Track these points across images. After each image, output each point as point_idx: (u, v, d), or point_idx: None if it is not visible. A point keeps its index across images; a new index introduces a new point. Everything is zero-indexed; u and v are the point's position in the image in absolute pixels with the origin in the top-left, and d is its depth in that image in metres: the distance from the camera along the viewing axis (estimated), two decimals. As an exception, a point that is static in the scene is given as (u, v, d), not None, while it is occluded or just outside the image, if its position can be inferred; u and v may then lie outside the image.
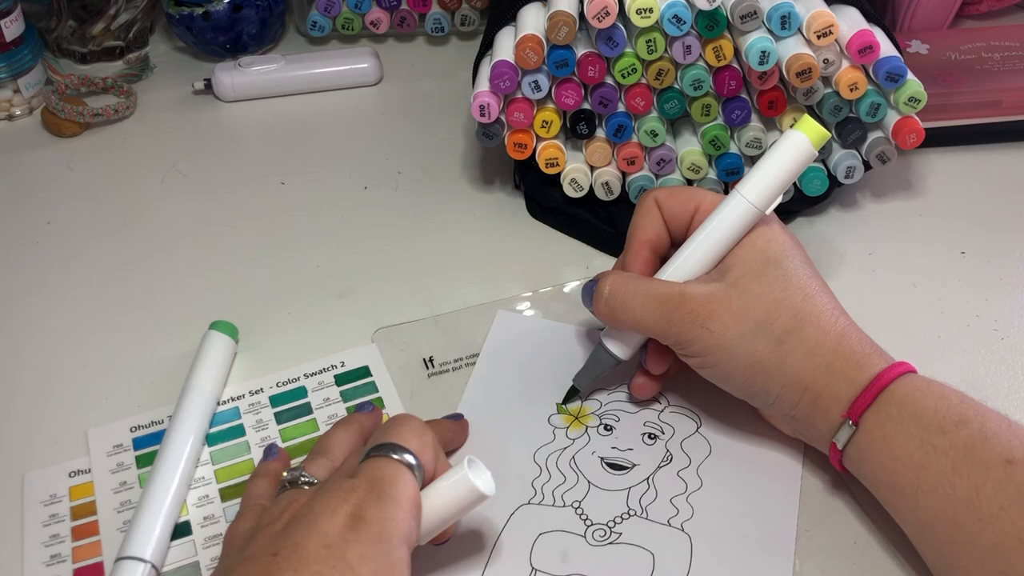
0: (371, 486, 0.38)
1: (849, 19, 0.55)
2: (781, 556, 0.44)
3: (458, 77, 0.76)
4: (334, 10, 0.79)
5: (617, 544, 0.45)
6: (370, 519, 0.37)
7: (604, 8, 0.52)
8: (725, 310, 0.44)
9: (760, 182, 0.45)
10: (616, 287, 0.46)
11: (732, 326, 0.43)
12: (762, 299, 0.44)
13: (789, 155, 0.45)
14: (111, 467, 0.49)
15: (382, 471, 0.39)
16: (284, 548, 0.36)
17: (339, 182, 0.68)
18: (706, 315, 0.44)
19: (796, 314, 0.43)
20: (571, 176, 0.59)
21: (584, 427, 0.50)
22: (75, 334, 0.57)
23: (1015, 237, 0.60)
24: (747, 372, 0.44)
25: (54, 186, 0.68)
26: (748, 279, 0.44)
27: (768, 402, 0.45)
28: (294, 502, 0.39)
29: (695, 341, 0.44)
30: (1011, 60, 0.71)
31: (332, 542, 0.36)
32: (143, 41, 0.82)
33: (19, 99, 0.75)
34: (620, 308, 0.46)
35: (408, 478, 0.39)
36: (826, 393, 0.43)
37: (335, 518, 0.37)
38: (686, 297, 0.44)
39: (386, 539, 0.37)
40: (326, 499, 0.38)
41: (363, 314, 0.57)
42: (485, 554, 0.44)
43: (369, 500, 0.38)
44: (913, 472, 0.40)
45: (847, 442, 0.43)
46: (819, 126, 0.45)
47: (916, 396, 0.42)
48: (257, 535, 0.38)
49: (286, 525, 0.38)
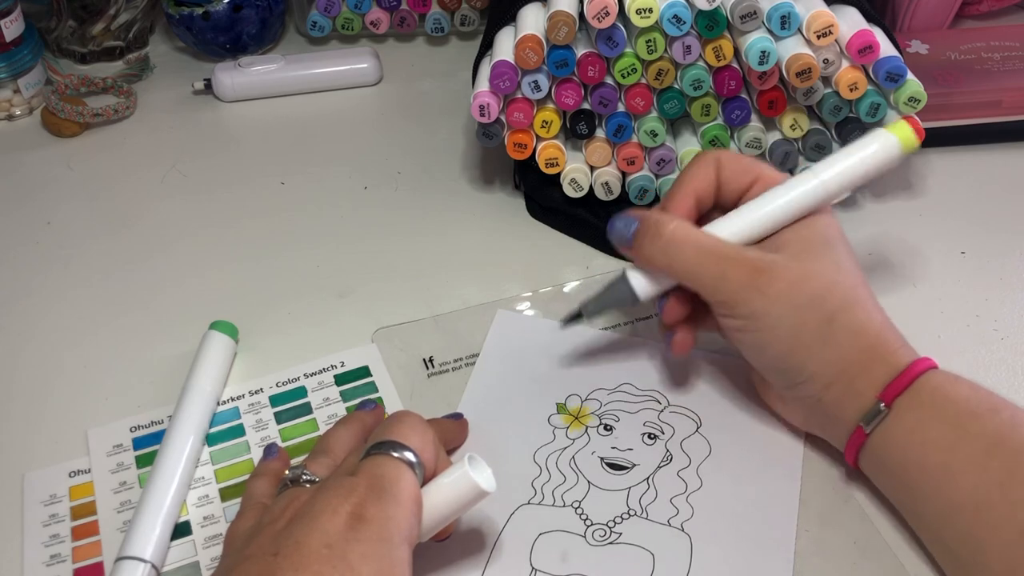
0: (372, 484, 0.38)
1: (849, 19, 0.55)
2: (781, 556, 0.44)
3: (458, 77, 0.76)
4: (334, 10, 0.79)
5: (617, 544, 0.45)
6: (371, 518, 0.37)
7: (604, 8, 0.52)
8: (782, 278, 0.43)
9: (843, 174, 0.45)
10: (678, 232, 0.45)
11: (786, 294, 0.43)
12: (819, 277, 0.44)
13: (878, 155, 0.45)
14: (111, 467, 0.49)
15: (383, 469, 0.39)
16: (285, 547, 0.36)
17: (339, 182, 0.68)
18: (765, 279, 0.43)
19: (847, 297, 0.44)
20: (571, 176, 0.59)
21: (584, 427, 0.50)
22: (75, 334, 0.57)
23: (1015, 237, 0.60)
24: (789, 344, 0.44)
25: (54, 186, 0.69)
26: (807, 256, 0.44)
27: (798, 380, 0.45)
28: (295, 500, 0.39)
29: (746, 303, 0.44)
30: (1011, 60, 0.71)
31: (333, 541, 0.36)
32: (143, 41, 0.82)
33: (19, 99, 0.75)
34: (677, 253, 0.45)
35: (408, 476, 0.39)
36: (863, 375, 0.43)
37: (336, 517, 0.37)
38: (747, 258, 0.44)
39: (387, 538, 0.37)
40: (327, 497, 0.38)
41: (363, 314, 0.57)
42: (485, 554, 0.44)
43: (370, 499, 0.38)
44: (946, 453, 0.41)
45: (875, 426, 0.43)
46: (912, 133, 0.45)
47: (948, 385, 0.42)
48: (258, 534, 0.38)
49: (287, 524, 0.38)
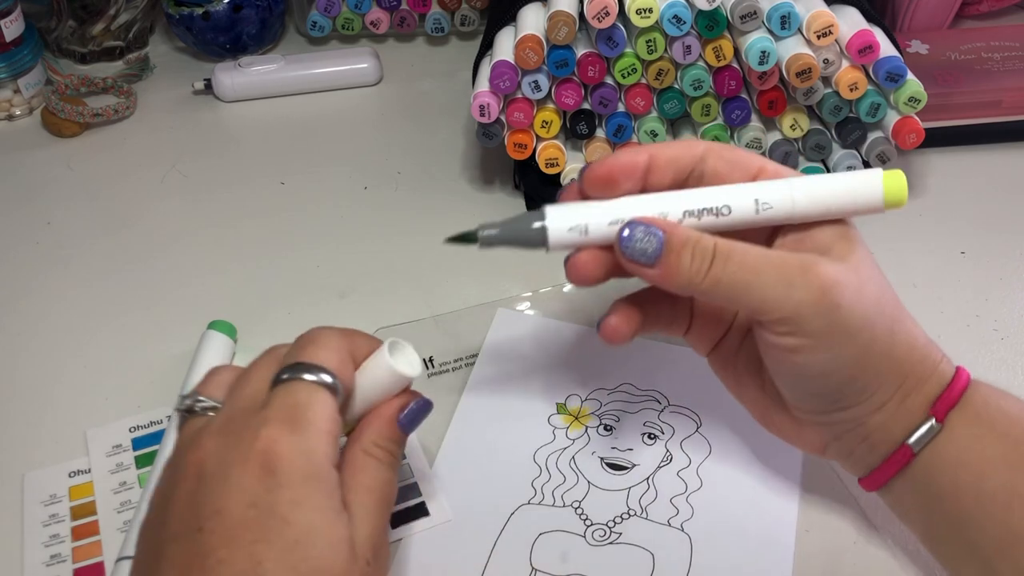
0: (283, 417, 0.34)
1: (849, 19, 0.55)
2: (781, 556, 0.44)
3: (458, 77, 0.76)
4: (334, 10, 0.79)
5: (617, 544, 0.45)
6: (287, 456, 0.33)
7: (604, 8, 0.52)
8: (849, 284, 0.36)
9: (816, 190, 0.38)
10: (727, 247, 0.36)
11: (858, 306, 0.36)
12: (872, 282, 0.37)
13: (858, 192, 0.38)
14: (111, 467, 0.49)
15: (295, 396, 0.35)
16: (207, 519, 0.33)
17: (339, 182, 0.68)
18: (835, 285, 0.36)
19: (897, 303, 0.39)
20: (571, 176, 0.59)
21: (584, 427, 0.50)
22: (75, 334, 0.57)
23: (1015, 237, 0.60)
24: (859, 364, 0.37)
25: (54, 186, 0.68)
26: (856, 259, 0.37)
27: (851, 404, 0.39)
28: (197, 448, 0.35)
29: (817, 317, 0.36)
30: (1011, 60, 0.71)
31: (255, 498, 0.33)
32: (143, 41, 0.82)
33: (19, 99, 0.75)
34: (726, 268, 0.36)
35: (323, 398, 0.35)
36: (918, 389, 0.38)
37: (248, 467, 0.33)
38: (812, 263, 0.36)
39: (312, 474, 0.34)
40: (233, 443, 0.34)
41: (363, 314, 0.57)
42: (485, 554, 0.44)
43: (282, 434, 0.34)
44: (1008, 474, 0.36)
45: (924, 444, 0.38)
46: (903, 186, 0.38)
47: (996, 395, 0.38)
48: (171, 498, 0.34)
49: (198, 482, 0.34)
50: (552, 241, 0.38)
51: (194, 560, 0.32)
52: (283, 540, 0.32)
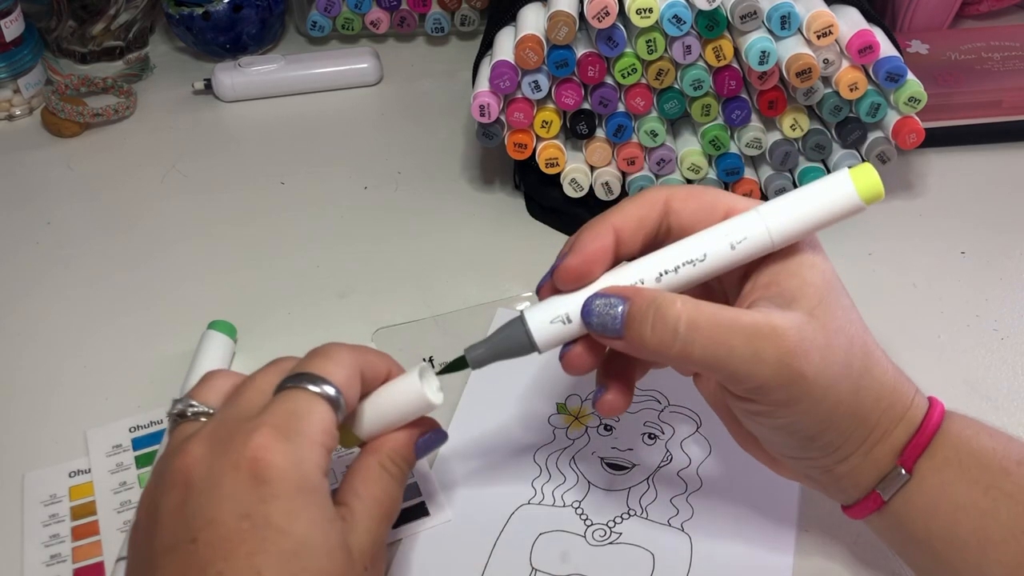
0: (278, 424, 0.34)
1: (849, 19, 0.55)
2: (781, 556, 0.44)
3: (458, 77, 0.76)
4: (334, 10, 0.79)
5: (617, 544, 0.45)
6: (278, 465, 0.33)
7: (604, 8, 0.52)
8: (814, 347, 0.35)
9: (788, 213, 0.37)
10: (687, 310, 0.35)
11: (823, 372, 0.35)
12: (840, 334, 0.36)
13: (832, 202, 0.37)
14: (111, 467, 0.49)
15: (293, 404, 0.35)
16: (200, 530, 0.32)
17: (339, 182, 0.68)
18: (801, 353, 0.35)
19: (865, 352, 0.37)
20: (571, 176, 0.59)
21: (584, 427, 0.50)
22: (75, 334, 0.57)
23: (1015, 237, 0.60)
24: (823, 426, 0.37)
25: (54, 186, 0.68)
26: (823, 310, 0.36)
27: (815, 457, 0.38)
28: (184, 453, 0.34)
29: (781, 389, 0.35)
30: (1011, 60, 0.71)
31: (249, 509, 0.32)
32: (143, 41, 0.82)
33: (19, 99, 0.75)
34: (693, 338, 0.35)
35: (321, 409, 0.35)
36: (884, 440, 0.37)
37: (238, 475, 0.32)
38: (779, 330, 0.35)
39: (305, 483, 0.33)
40: (221, 450, 0.33)
41: (363, 314, 0.57)
42: (485, 554, 0.44)
43: (275, 442, 0.33)
44: (979, 521, 0.36)
45: (894, 493, 0.38)
46: (877, 182, 0.36)
47: (968, 435, 0.37)
48: (160, 506, 0.34)
49: (186, 491, 0.33)
50: (540, 341, 0.38)
51: (190, 573, 0.32)
52: (281, 551, 0.32)
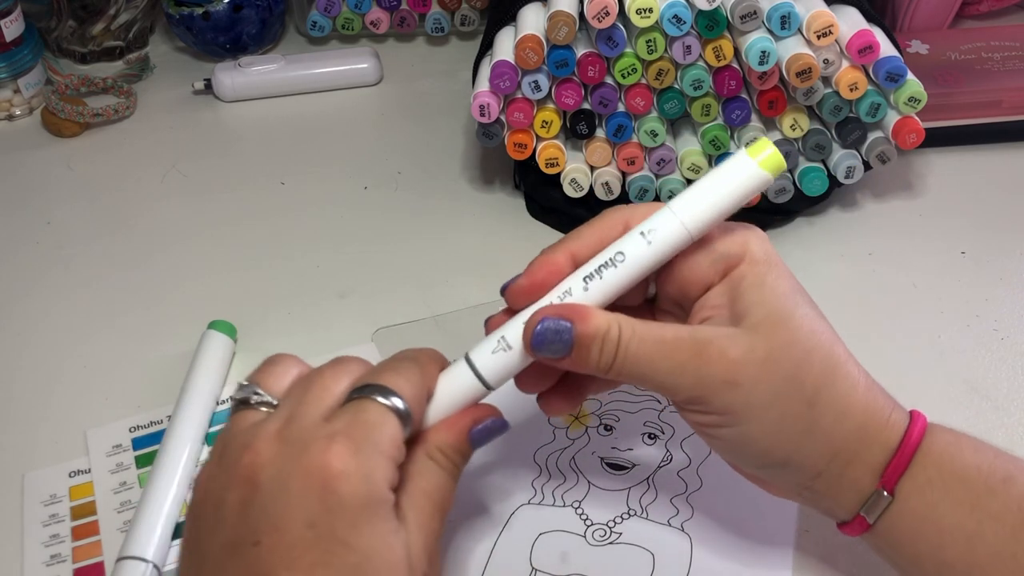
0: (351, 433, 0.33)
1: (849, 19, 0.55)
2: (781, 556, 0.44)
3: (458, 77, 0.76)
4: (334, 10, 0.79)
5: (617, 544, 0.45)
6: (349, 477, 0.32)
7: (604, 8, 0.52)
8: (752, 362, 0.35)
9: (697, 201, 0.37)
10: (626, 331, 0.36)
11: (763, 382, 0.36)
12: (790, 350, 0.36)
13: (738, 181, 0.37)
14: (111, 467, 0.49)
15: (366, 414, 0.34)
16: (264, 533, 0.32)
17: (339, 182, 0.68)
18: (734, 367, 0.35)
19: (826, 366, 0.36)
20: (571, 176, 0.59)
21: (584, 427, 0.50)
22: (75, 334, 0.57)
23: (1015, 237, 0.60)
24: (772, 439, 0.36)
25: (54, 186, 0.68)
26: (769, 325, 0.36)
27: (784, 474, 0.38)
28: (252, 450, 0.34)
29: (717, 396, 0.36)
30: (1011, 60, 0.71)
31: (315, 519, 0.32)
32: (143, 41, 0.82)
33: (19, 99, 0.75)
34: (635, 357, 0.36)
35: (393, 423, 0.34)
36: (857, 461, 0.37)
37: (309, 483, 0.32)
38: (709, 343, 0.36)
39: (373, 497, 0.33)
40: (294, 453, 0.33)
41: (363, 314, 0.57)
42: (485, 554, 0.44)
43: (347, 453, 0.33)
44: (965, 544, 0.35)
45: (879, 516, 0.37)
46: (774, 154, 0.36)
47: (952, 452, 0.37)
48: (224, 500, 0.33)
49: (252, 491, 0.33)
50: (488, 374, 0.38)
51: (252, 572, 0.32)
52: (344, 564, 0.32)
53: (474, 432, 0.38)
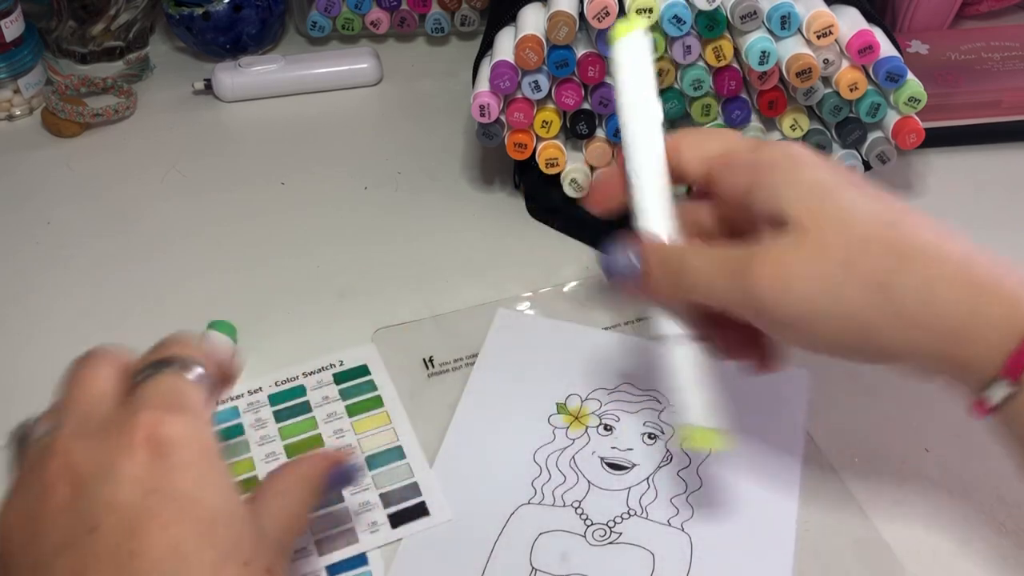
0: (161, 403, 0.32)
1: (849, 19, 0.55)
2: (781, 556, 0.44)
3: (458, 77, 0.76)
4: (334, 10, 0.79)
5: (617, 544, 0.45)
6: (179, 436, 0.31)
7: (604, 8, 0.52)
8: (799, 260, 0.36)
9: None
10: (686, 250, 0.39)
11: (815, 277, 0.36)
12: (838, 238, 0.36)
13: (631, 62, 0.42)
14: (111, 467, 0.49)
15: (167, 384, 0.33)
16: (100, 517, 0.30)
17: (339, 182, 0.68)
18: (784, 272, 0.36)
19: (891, 251, 0.35)
20: (571, 176, 0.59)
21: (584, 427, 0.50)
22: (75, 334, 0.57)
23: (1015, 237, 0.60)
24: (852, 333, 0.36)
25: (54, 186, 0.68)
26: (810, 218, 0.36)
27: (889, 361, 0.37)
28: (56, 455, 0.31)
29: (776, 307, 0.36)
30: (1011, 60, 0.71)
31: (155, 484, 0.30)
32: (143, 41, 0.82)
33: (19, 99, 0.75)
34: (691, 276, 0.38)
35: (200, 391, 0.33)
36: (968, 344, 0.35)
37: (135, 456, 0.30)
38: (753, 254, 0.37)
39: (209, 454, 0.32)
40: (104, 438, 0.31)
41: (363, 314, 0.57)
42: (485, 554, 0.44)
43: (166, 417, 0.31)
44: None
45: (1002, 404, 0.35)
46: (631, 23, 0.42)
47: None
48: (40, 513, 0.30)
49: (73, 489, 0.30)
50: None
51: (92, 563, 0.29)
52: (199, 519, 0.31)
53: (331, 474, 0.38)
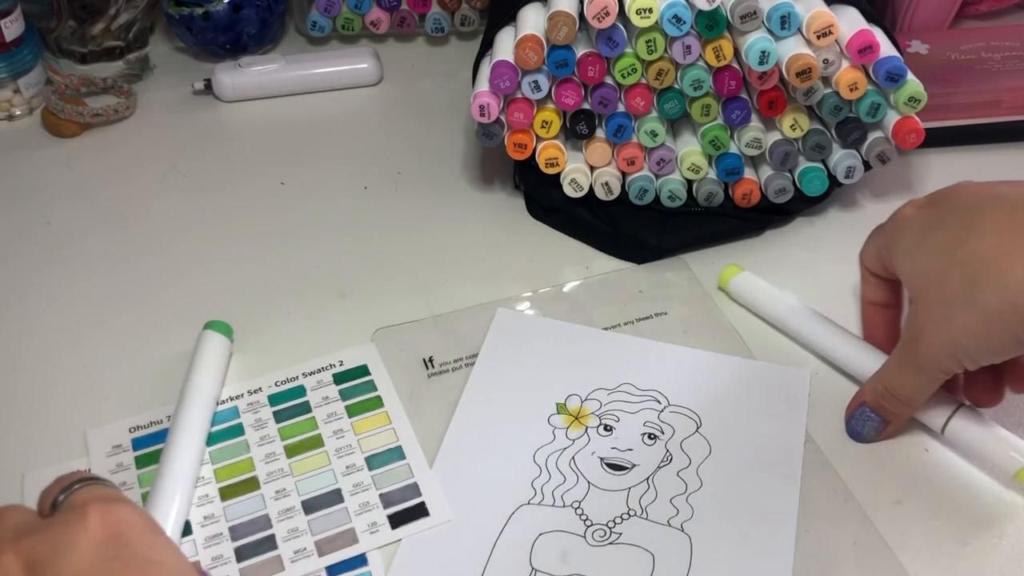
0: (100, 497, 0.33)
1: (849, 19, 0.55)
2: (781, 556, 0.44)
3: (458, 77, 0.76)
4: (334, 10, 0.79)
5: (617, 544, 0.45)
6: (125, 518, 0.32)
7: (604, 8, 0.52)
8: (921, 331, 0.44)
9: None
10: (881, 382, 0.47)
11: (942, 332, 0.43)
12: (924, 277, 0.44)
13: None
14: (111, 467, 0.49)
15: (98, 488, 0.34)
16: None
17: (339, 182, 0.68)
18: (920, 336, 0.44)
19: (964, 270, 0.42)
20: (571, 176, 0.59)
21: (584, 427, 0.50)
22: (75, 334, 0.57)
23: (1015, 237, 0.60)
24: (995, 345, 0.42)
25: (54, 186, 0.68)
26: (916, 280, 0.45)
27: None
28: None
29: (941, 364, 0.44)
30: (1011, 60, 0.71)
31: (114, 553, 0.31)
32: (143, 41, 0.82)
33: (19, 99, 0.75)
34: (900, 393, 0.46)
35: (117, 491, 0.34)
36: None
37: (89, 529, 0.31)
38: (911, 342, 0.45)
39: (155, 527, 0.33)
40: (50, 537, 0.31)
41: (363, 314, 0.57)
42: (485, 554, 0.44)
43: (107, 504, 0.32)
44: None
45: None
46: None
47: None
48: None
49: (31, 572, 0.30)
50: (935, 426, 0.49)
51: None
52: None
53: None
